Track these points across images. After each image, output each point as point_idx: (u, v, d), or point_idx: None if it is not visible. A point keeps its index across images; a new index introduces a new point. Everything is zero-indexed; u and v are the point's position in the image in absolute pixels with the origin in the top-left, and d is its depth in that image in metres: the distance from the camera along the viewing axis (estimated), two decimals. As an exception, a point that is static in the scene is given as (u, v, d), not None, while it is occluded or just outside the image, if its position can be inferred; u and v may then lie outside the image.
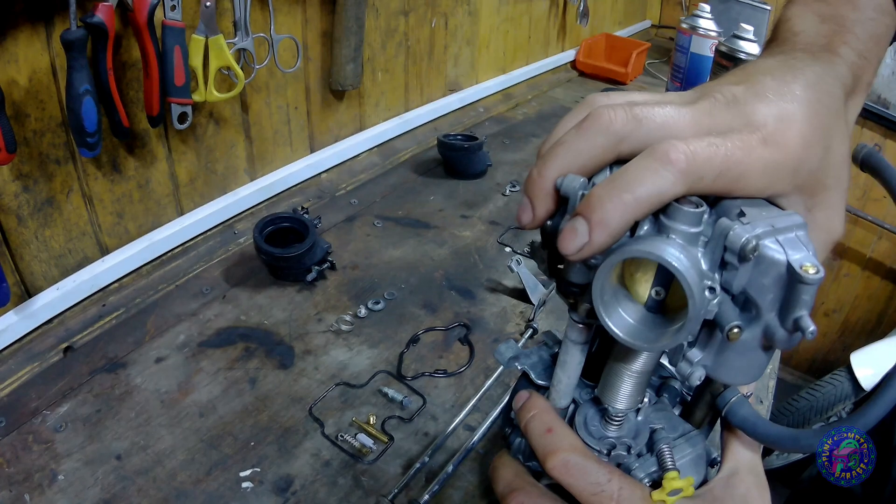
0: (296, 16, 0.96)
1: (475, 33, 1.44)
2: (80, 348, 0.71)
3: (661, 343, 0.33)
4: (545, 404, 0.41)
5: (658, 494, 0.37)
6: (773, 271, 0.32)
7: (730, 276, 0.33)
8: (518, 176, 1.20)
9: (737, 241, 0.32)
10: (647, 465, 0.41)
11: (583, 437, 0.42)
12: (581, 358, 0.41)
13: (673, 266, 0.31)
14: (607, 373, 0.40)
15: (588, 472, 0.36)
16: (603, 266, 0.33)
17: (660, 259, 0.31)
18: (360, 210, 1.04)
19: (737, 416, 0.38)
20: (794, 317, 0.32)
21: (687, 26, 1.29)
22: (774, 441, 0.36)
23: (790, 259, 0.31)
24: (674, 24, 2.33)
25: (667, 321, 0.34)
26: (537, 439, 0.39)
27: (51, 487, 0.55)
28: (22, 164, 0.67)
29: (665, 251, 0.31)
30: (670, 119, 0.30)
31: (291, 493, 0.57)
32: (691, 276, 0.31)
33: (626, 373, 0.39)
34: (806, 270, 0.31)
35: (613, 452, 0.41)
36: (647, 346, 0.34)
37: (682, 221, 0.33)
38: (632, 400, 0.40)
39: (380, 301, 0.82)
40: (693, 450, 0.42)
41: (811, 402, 1.75)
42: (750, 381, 0.36)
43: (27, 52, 0.64)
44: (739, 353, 0.34)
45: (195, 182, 0.90)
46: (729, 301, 0.33)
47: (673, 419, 0.44)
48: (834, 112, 0.32)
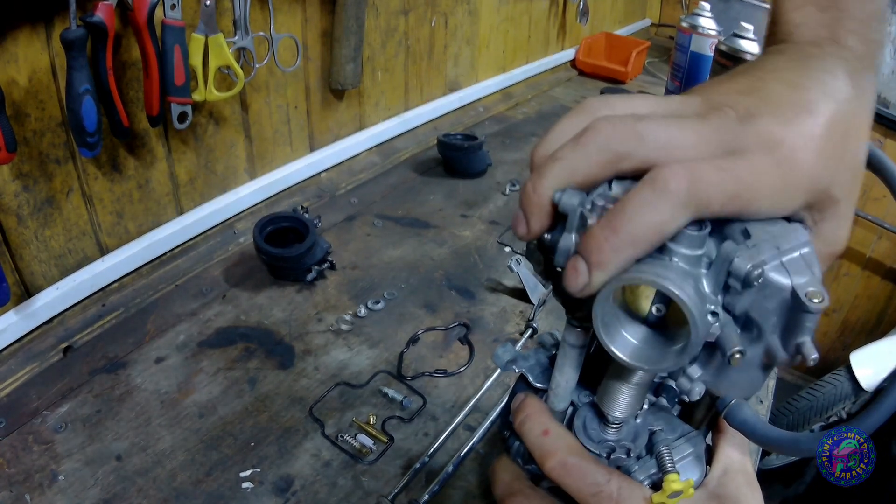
0: (296, 15, 0.96)
1: (475, 33, 1.44)
2: (80, 348, 0.71)
3: (663, 364, 0.33)
4: (541, 406, 0.41)
5: (658, 497, 0.37)
6: (777, 297, 0.31)
7: (733, 299, 0.32)
8: (518, 175, 1.20)
9: (742, 267, 0.31)
10: (646, 468, 0.40)
11: (582, 440, 0.41)
12: (579, 361, 0.40)
13: (675, 294, 0.30)
14: (606, 384, 0.40)
15: (587, 473, 0.36)
16: (602, 293, 0.32)
17: (661, 287, 0.30)
18: (359, 210, 1.04)
19: (736, 418, 0.38)
20: (796, 342, 0.31)
21: (687, 25, 1.29)
22: (774, 444, 0.36)
23: (795, 285, 0.31)
24: (674, 22, 2.32)
25: (669, 338, 0.34)
26: (534, 441, 0.39)
27: (51, 488, 0.55)
28: (22, 164, 0.67)
29: (666, 278, 0.30)
30: (675, 138, 0.28)
31: (291, 493, 0.57)
32: (694, 303, 0.30)
33: (625, 385, 0.39)
34: (810, 298, 0.30)
35: (613, 455, 0.41)
36: (650, 367, 0.33)
37: (684, 245, 0.32)
38: (631, 409, 0.40)
39: (380, 301, 0.82)
40: (693, 450, 0.41)
41: (811, 401, 1.75)
42: (749, 394, 0.36)
43: (27, 52, 0.64)
44: (740, 371, 0.34)
45: (195, 182, 0.90)
46: (731, 322, 0.33)
47: (672, 420, 0.43)
48: (851, 117, 0.30)
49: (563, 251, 0.34)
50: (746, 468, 0.39)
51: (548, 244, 0.35)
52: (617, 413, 0.40)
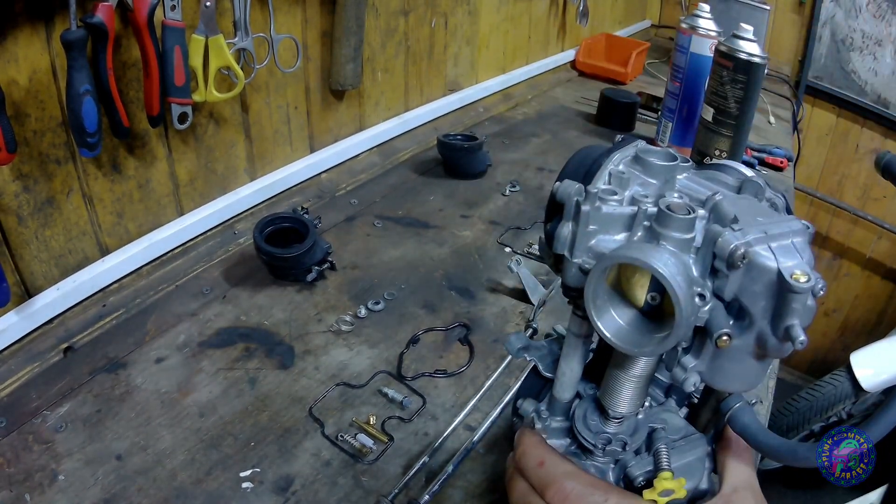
0: (296, 16, 0.96)
1: (475, 33, 1.44)
2: (81, 348, 0.71)
3: (648, 348, 0.33)
4: (536, 439, 0.42)
5: (649, 493, 0.38)
6: (763, 279, 0.31)
7: (721, 283, 0.33)
8: (518, 176, 1.20)
9: (725, 247, 0.32)
10: (643, 464, 0.41)
11: (580, 431, 0.42)
12: (584, 350, 0.41)
13: (658, 272, 0.31)
14: (608, 377, 0.41)
15: (584, 495, 0.37)
16: (593, 272, 0.33)
17: (645, 265, 0.31)
18: (360, 210, 1.04)
19: (738, 422, 0.38)
20: (785, 325, 0.31)
21: (687, 26, 1.29)
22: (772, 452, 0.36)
23: (781, 266, 0.31)
24: (673, 23, 2.33)
25: (660, 327, 0.34)
26: (531, 474, 0.40)
27: (51, 487, 0.55)
28: (22, 164, 0.67)
29: (651, 257, 0.31)
30: None
31: (291, 492, 0.57)
32: (677, 282, 0.30)
33: (626, 378, 0.39)
34: (796, 279, 0.30)
35: (608, 447, 0.41)
36: (635, 349, 0.34)
37: (673, 228, 0.33)
38: (632, 404, 0.41)
39: (380, 301, 0.82)
40: (693, 452, 0.42)
41: (811, 402, 1.75)
42: (747, 388, 0.36)
43: (27, 52, 0.64)
44: (733, 360, 0.34)
45: (195, 182, 0.90)
46: (722, 309, 0.33)
47: (677, 421, 0.44)
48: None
49: (560, 238, 0.36)
50: (755, 486, 0.40)
51: (548, 232, 0.37)
52: (619, 408, 0.40)
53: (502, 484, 0.58)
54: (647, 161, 0.38)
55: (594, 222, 0.35)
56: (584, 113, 1.56)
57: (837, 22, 2.22)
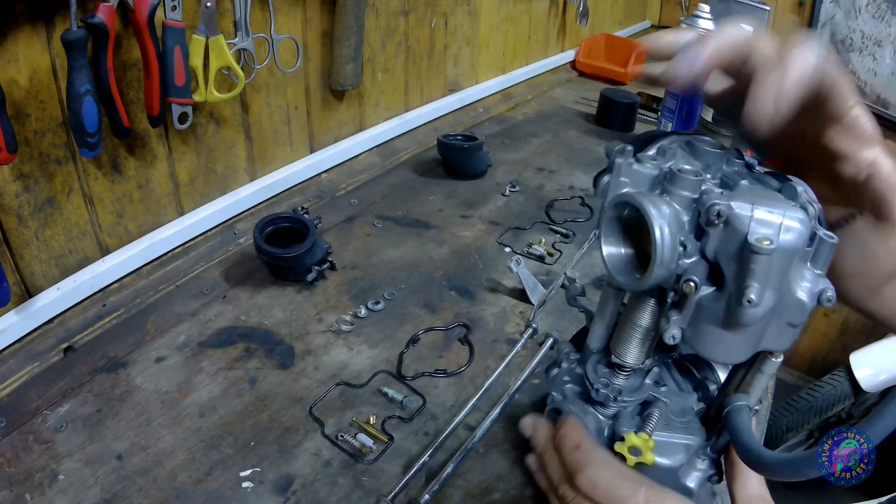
0: (296, 16, 0.96)
1: (475, 33, 1.44)
2: (81, 348, 0.71)
3: (623, 277, 0.40)
4: (577, 424, 0.46)
5: (619, 447, 0.43)
6: (736, 240, 0.35)
7: (704, 242, 0.37)
8: (518, 176, 1.20)
9: (706, 204, 0.36)
10: (631, 423, 0.47)
11: (589, 376, 0.48)
12: (616, 306, 0.48)
13: (645, 210, 0.35)
14: (618, 329, 0.47)
15: (614, 488, 0.38)
16: (608, 203, 0.40)
17: (637, 203, 0.37)
18: (360, 210, 1.04)
19: (731, 419, 0.39)
20: (744, 285, 0.34)
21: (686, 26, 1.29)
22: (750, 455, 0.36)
23: (750, 229, 0.34)
24: (673, 24, 2.33)
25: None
26: (567, 455, 0.43)
27: (51, 487, 0.55)
28: (22, 164, 0.67)
29: (646, 200, 0.36)
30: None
31: (292, 492, 0.57)
32: (660, 224, 0.35)
33: (632, 326, 0.45)
34: (760, 242, 0.33)
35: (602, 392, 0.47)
36: (619, 277, 0.40)
37: (680, 187, 0.38)
38: (636, 355, 0.46)
39: (380, 301, 0.82)
40: (683, 437, 0.46)
41: (810, 402, 1.75)
42: (728, 360, 0.39)
43: (27, 52, 0.64)
44: (710, 323, 0.38)
45: (195, 182, 0.90)
46: (704, 266, 0.37)
47: (686, 406, 0.48)
48: None
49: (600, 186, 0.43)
50: (766, 498, 0.40)
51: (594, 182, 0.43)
52: (624, 356, 0.46)
53: (502, 484, 0.58)
54: (696, 145, 0.43)
55: (626, 175, 0.41)
56: (583, 113, 1.57)
57: (837, 22, 2.22)
